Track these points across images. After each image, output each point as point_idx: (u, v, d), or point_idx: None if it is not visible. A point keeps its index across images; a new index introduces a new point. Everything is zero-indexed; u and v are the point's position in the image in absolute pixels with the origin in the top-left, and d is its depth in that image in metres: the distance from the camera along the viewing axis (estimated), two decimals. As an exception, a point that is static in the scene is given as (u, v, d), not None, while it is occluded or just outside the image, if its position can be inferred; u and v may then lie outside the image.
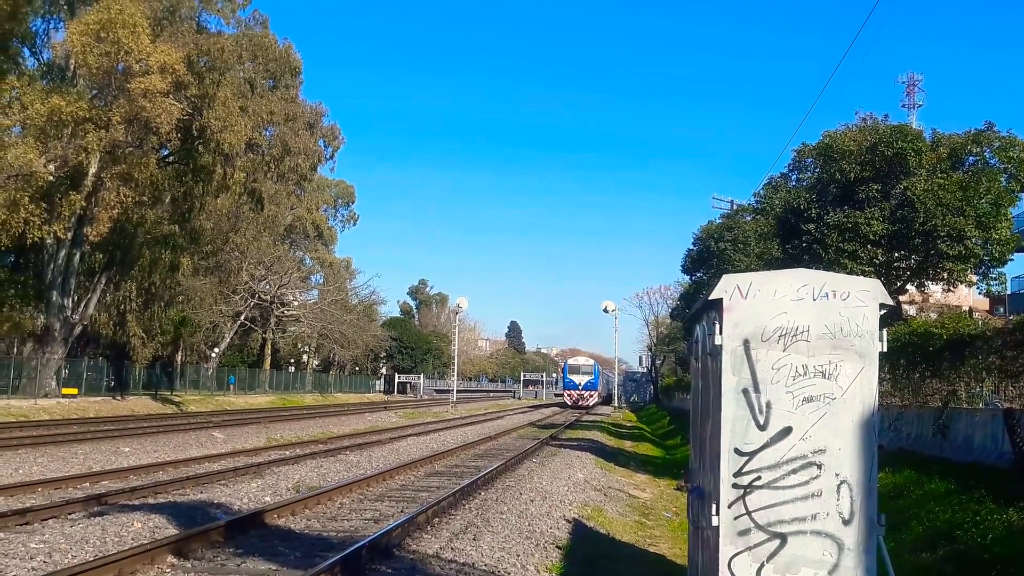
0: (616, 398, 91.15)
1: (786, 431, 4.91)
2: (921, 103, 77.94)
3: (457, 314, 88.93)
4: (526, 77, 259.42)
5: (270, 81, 44.96)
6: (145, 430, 28.23)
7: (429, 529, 11.82)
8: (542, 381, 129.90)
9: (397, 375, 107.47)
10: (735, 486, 4.92)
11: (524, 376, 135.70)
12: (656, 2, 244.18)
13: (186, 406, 47.16)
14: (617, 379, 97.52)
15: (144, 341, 48.79)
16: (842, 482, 4.87)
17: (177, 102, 36.47)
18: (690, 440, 7.02)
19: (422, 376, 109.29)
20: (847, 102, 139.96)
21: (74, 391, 42.04)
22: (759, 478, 4.90)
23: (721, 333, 5.02)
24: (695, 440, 6.49)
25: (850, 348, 4.94)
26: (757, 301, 5.01)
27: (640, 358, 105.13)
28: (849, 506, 4.85)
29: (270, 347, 74.92)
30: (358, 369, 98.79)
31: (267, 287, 68.59)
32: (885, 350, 5.00)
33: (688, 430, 8.01)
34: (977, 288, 26.41)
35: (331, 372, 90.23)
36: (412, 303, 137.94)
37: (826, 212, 22.75)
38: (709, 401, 5.43)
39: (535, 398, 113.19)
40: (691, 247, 36.57)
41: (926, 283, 25.39)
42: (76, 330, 42.02)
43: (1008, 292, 37.66)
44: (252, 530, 11.08)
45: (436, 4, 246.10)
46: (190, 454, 21.05)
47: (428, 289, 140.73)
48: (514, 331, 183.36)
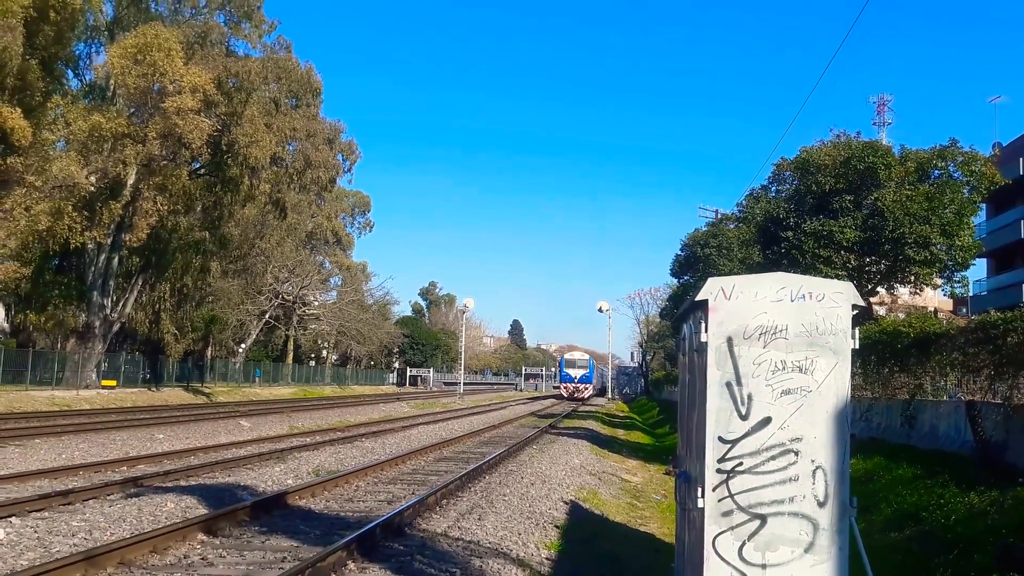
0: (610, 390, 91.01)
1: (766, 421, 4.91)
2: (891, 121, 77.66)
3: (464, 313, 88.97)
4: (530, 93, 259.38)
5: (293, 100, 44.94)
6: (178, 418, 28.28)
7: (438, 510, 11.83)
8: (542, 375, 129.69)
9: (409, 369, 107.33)
10: (719, 471, 4.92)
11: (525, 370, 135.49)
12: (653, 27, 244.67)
13: (215, 397, 47.20)
14: (611, 373, 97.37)
15: (177, 337, 48.83)
16: (817, 468, 4.86)
17: (207, 119, 36.56)
18: (678, 429, 7.02)
19: (432, 370, 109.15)
20: (823, 119, 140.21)
21: (113, 383, 42.13)
22: (741, 464, 4.90)
23: (707, 331, 5.02)
24: (682, 429, 6.48)
25: (825, 345, 4.94)
26: (740, 302, 5.01)
27: (632, 354, 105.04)
28: (824, 490, 4.84)
29: (292, 343, 74.93)
30: (373, 363, 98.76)
31: (290, 288, 68.60)
32: (857, 347, 4.99)
33: (676, 420, 8.01)
34: (942, 290, 26.35)
35: (348, 366, 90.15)
36: (423, 303, 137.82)
37: (803, 221, 22.72)
38: (695, 393, 5.43)
39: (535, 390, 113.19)
40: (679, 252, 36.54)
41: (895, 286, 25.37)
42: (115, 327, 42.10)
43: (970, 294, 37.56)
44: (276, 510, 11.09)
45: (436, 22, 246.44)
46: (219, 440, 21.08)
47: (437, 290, 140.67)
48: (516, 329, 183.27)
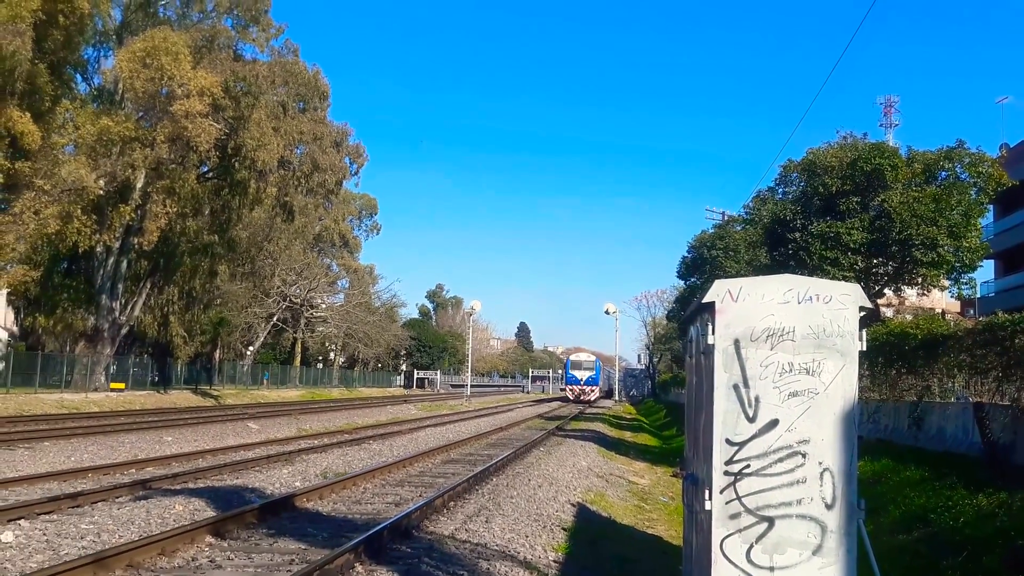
0: (617, 392, 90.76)
1: (773, 423, 4.90)
2: (898, 123, 77.79)
3: (471, 316, 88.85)
4: (536, 95, 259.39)
5: (300, 104, 45.02)
6: (186, 421, 28.35)
7: (445, 512, 11.80)
8: (548, 377, 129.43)
9: (416, 371, 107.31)
10: (726, 473, 4.91)
11: (532, 372, 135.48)
12: (659, 28, 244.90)
13: (223, 399, 47.29)
14: (618, 375, 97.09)
15: (185, 340, 49.02)
16: (825, 470, 4.85)
17: (215, 123, 36.68)
18: (685, 431, 7.00)
19: (439, 372, 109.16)
20: (830, 121, 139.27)
21: (121, 385, 42.24)
22: (748, 466, 4.88)
23: (714, 333, 5.01)
24: (690, 431, 6.47)
25: (832, 347, 4.93)
26: (747, 304, 5.00)
27: (639, 356, 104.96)
28: (831, 492, 4.83)
29: (300, 346, 75.08)
30: (380, 366, 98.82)
31: (298, 291, 68.74)
32: (864, 349, 4.97)
33: (683, 422, 7.99)
34: (949, 292, 26.27)
35: (356, 368, 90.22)
36: (430, 305, 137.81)
37: (810, 222, 22.68)
38: (702, 395, 5.42)
39: (542, 392, 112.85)
40: (686, 254, 36.55)
41: (902, 287, 25.26)
42: (123, 330, 42.29)
43: (978, 296, 37.48)
44: (284, 512, 11.10)
45: (442, 24, 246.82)
46: (227, 443, 21.10)
47: (444, 293, 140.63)
48: (523, 331, 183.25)
